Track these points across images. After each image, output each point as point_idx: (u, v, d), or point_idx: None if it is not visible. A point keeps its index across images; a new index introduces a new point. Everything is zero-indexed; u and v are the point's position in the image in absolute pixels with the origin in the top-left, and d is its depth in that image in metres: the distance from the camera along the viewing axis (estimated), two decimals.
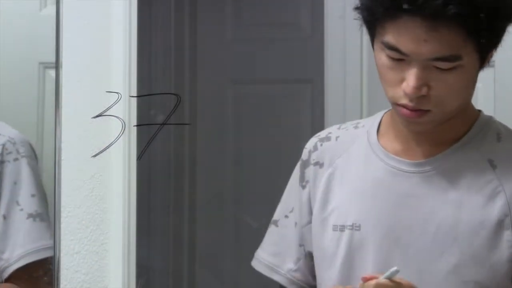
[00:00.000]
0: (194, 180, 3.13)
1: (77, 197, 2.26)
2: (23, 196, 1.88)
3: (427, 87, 1.32)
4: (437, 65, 1.31)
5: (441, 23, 1.27)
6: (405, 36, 1.29)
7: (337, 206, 1.47)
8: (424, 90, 1.32)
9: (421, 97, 1.32)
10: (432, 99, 1.33)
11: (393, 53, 1.32)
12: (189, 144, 3.13)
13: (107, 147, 2.14)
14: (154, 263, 2.95)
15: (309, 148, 1.54)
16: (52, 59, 2.08)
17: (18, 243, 1.87)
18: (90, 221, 2.30)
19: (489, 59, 1.37)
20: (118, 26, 2.34)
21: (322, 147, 1.53)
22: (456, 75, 1.32)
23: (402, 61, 1.32)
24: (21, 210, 1.87)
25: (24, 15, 2.12)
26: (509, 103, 2.23)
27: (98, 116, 2.00)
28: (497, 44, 1.35)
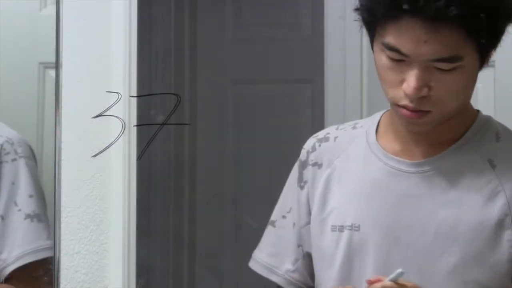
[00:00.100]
0: (194, 180, 3.13)
1: (77, 197, 2.26)
2: (21, 197, 1.87)
3: (427, 87, 1.32)
4: (437, 66, 1.31)
5: (442, 24, 1.27)
6: (405, 37, 1.29)
7: (335, 207, 1.47)
8: (425, 91, 1.32)
9: (422, 98, 1.32)
10: (433, 100, 1.33)
11: (393, 54, 1.32)
12: (189, 144, 3.13)
13: (107, 147, 2.14)
14: (154, 263, 2.95)
15: (307, 149, 1.54)
16: (52, 59, 2.08)
17: (16, 244, 1.86)
18: (90, 221, 2.30)
19: (488, 59, 1.37)
20: (118, 26, 2.34)
21: (321, 147, 1.53)
22: (456, 76, 1.32)
23: (402, 62, 1.32)
24: (19, 210, 1.86)
25: (24, 15, 2.12)
26: (509, 103, 2.23)
27: (98, 116, 2.00)
28: (497, 44, 1.35)
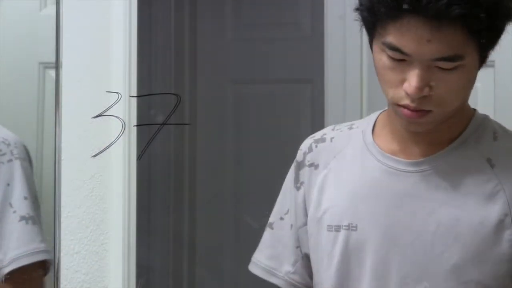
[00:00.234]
0: (194, 180, 3.13)
1: (77, 197, 2.26)
2: (16, 198, 1.85)
3: (428, 87, 1.31)
4: (439, 65, 1.30)
5: (445, 23, 1.26)
6: (407, 36, 1.29)
7: (331, 206, 1.46)
8: (426, 90, 1.31)
9: (423, 98, 1.32)
10: (434, 99, 1.32)
11: (394, 53, 1.31)
12: (189, 144, 3.13)
13: (107, 147, 2.14)
14: (154, 263, 2.95)
15: (304, 150, 1.54)
16: (52, 59, 2.08)
17: (11, 246, 1.84)
18: (90, 221, 2.30)
19: (487, 58, 1.37)
20: (118, 26, 2.35)
21: (317, 148, 1.53)
22: (458, 75, 1.32)
23: (403, 61, 1.32)
24: (14, 212, 1.85)
25: (24, 15, 2.12)
26: (509, 103, 2.23)
27: (98, 116, 2.00)
28: (496, 43, 1.35)
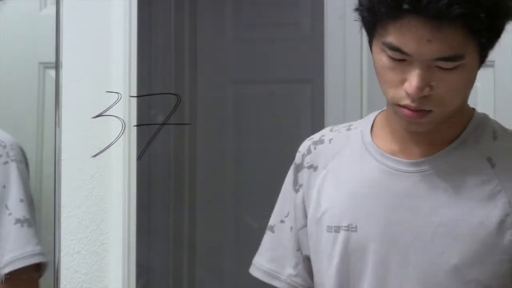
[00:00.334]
0: (194, 180, 3.13)
1: (77, 197, 2.26)
2: (12, 201, 1.84)
3: (429, 87, 1.31)
4: (439, 65, 1.30)
5: (445, 23, 1.26)
6: (408, 36, 1.28)
7: (330, 207, 1.46)
8: (427, 90, 1.31)
9: (423, 98, 1.32)
10: (434, 99, 1.32)
11: (395, 53, 1.31)
12: (189, 144, 3.13)
13: (107, 147, 2.14)
14: (154, 263, 2.95)
15: (303, 152, 1.54)
16: (52, 59, 2.08)
17: (7, 248, 1.82)
18: (90, 221, 2.30)
19: (487, 58, 1.37)
20: (118, 26, 2.35)
21: (316, 150, 1.52)
22: (458, 75, 1.31)
23: (403, 61, 1.31)
24: (9, 214, 1.83)
25: (24, 15, 2.12)
26: (509, 103, 2.23)
27: (98, 116, 2.00)
28: (496, 42, 1.35)
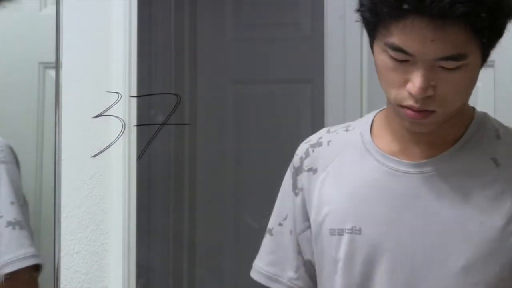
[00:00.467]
0: (194, 180, 3.13)
1: (77, 197, 2.26)
2: (2, 203, 1.80)
3: (432, 87, 1.30)
4: (442, 65, 1.29)
5: (448, 23, 1.26)
6: (411, 36, 1.28)
7: (332, 210, 1.45)
8: (430, 90, 1.30)
9: (426, 98, 1.31)
10: (437, 99, 1.31)
11: (397, 54, 1.30)
12: (189, 144, 3.13)
13: (107, 147, 2.14)
14: (154, 263, 2.95)
15: (301, 155, 1.52)
16: (52, 59, 2.08)
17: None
18: (90, 221, 2.30)
19: (488, 57, 1.36)
20: (118, 26, 2.35)
21: (314, 153, 1.51)
22: (461, 74, 1.31)
23: (406, 62, 1.31)
24: (0, 217, 1.81)
25: (24, 15, 2.12)
26: (509, 103, 2.23)
27: (98, 116, 2.00)
28: (498, 41, 1.35)
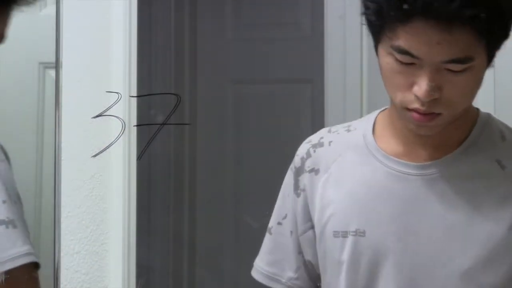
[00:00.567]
0: (194, 180, 3.13)
1: (77, 197, 2.26)
2: None
3: (438, 90, 1.29)
4: (449, 67, 1.29)
5: (455, 25, 1.25)
6: (418, 39, 1.27)
7: (335, 211, 1.44)
8: (436, 93, 1.30)
9: (433, 101, 1.30)
10: (443, 102, 1.31)
11: (403, 57, 1.29)
12: (189, 144, 3.13)
13: (107, 147, 2.14)
14: (154, 263, 2.95)
15: (302, 155, 1.52)
16: (52, 59, 2.08)
17: None
18: (90, 221, 2.30)
19: (493, 59, 1.36)
20: (118, 26, 2.35)
21: (316, 153, 1.50)
22: (467, 77, 1.30)
23: (412, 65, 1.30)
24: None
25: (24, 15, 2.12)
26: (509, 103, 2.23)
27: (98, 116, 2.00)
28: (503, 42, 1.34)
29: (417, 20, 1.26)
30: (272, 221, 1.56)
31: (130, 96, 2.30)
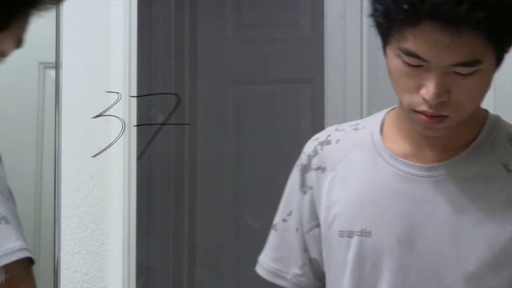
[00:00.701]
0: (194, 180, 3.13)
1: (77, 197, 2.26)
2: None
3: (446, 92, 1.29)
4: (457, 70, 1.28)
5: (464, 29, 1.24)
6: (426, 42, 1.26)
7: (341, 211, 1.44)
8: (444, 96, 1.29)
9: (440, 103, 1.29)
10: (451, 105, 1.30)
11: (411, 59, 1.29)
12: (189, 144, 3.13)
13: (107, 147, 2.14)
14: (154, 263, 2.95)
15: (308, 153, 1.51)
16: (52, 59, 2.08)
17: None
18: (90, 221, 2.30)
19: (502, 61, 1.35)
20: (118, 26, 2.35)
21: (323, 151, 1.49)
22: (475, 79, 1.29)
23: (420, 67, 1.29)
24: None
25: None
26: (509, 103, 2.22)
27: (98, 116, 2.00)
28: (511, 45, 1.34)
29: (425, 23, 1.25)
30: (277, 218, 1.56)
31: (130, 96, 2.30)
